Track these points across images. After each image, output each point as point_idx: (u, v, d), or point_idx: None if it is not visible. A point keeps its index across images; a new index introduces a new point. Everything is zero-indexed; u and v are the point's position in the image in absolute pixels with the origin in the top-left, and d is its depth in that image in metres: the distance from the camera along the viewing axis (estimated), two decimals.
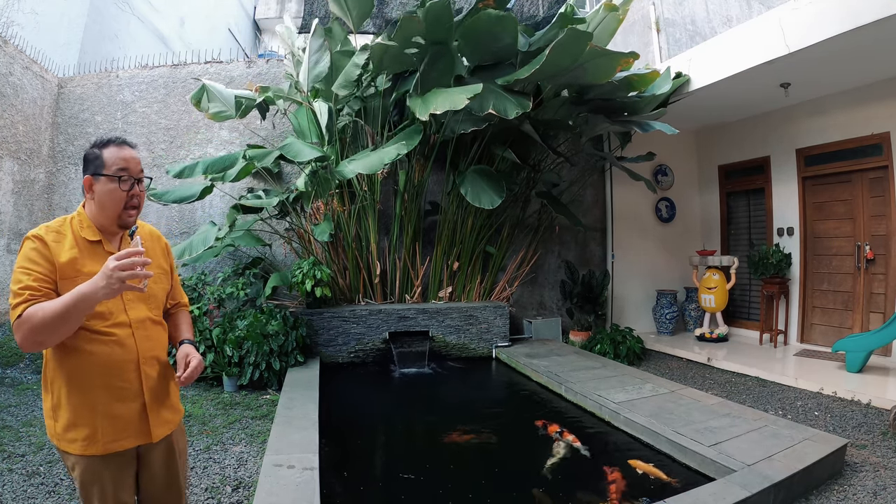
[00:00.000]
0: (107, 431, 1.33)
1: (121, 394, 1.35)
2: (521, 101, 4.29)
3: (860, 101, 5.26)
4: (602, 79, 4.50)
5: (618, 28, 4.67)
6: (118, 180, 1.36)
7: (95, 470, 1.34)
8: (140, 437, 1.40)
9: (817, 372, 4.67)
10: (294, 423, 3.10)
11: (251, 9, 13.68)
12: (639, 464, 2.79)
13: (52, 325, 1.17)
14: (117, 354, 1.34)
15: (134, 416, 1.38)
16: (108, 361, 1.33)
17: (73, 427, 1.32)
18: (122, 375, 1.35)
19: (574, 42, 3.99)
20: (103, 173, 1.36)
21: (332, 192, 5.25)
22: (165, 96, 6.03)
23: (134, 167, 1.39)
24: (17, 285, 1.23)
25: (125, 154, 1.39)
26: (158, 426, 1.44)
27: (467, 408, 4.05)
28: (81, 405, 1.32)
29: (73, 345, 1.30)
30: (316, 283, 4.72)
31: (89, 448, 1.32)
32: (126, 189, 1.38)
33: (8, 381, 4.35)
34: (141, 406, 1.39)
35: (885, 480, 2.66)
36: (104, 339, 1.33)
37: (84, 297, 1.17)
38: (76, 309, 1.18)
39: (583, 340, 5.90)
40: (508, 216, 6.01)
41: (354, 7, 4.73)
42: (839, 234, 5.62)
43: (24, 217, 5.46)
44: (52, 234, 1.33)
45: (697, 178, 7.50)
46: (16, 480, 2.63)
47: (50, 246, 1.30)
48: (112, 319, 1.35)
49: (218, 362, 4.27)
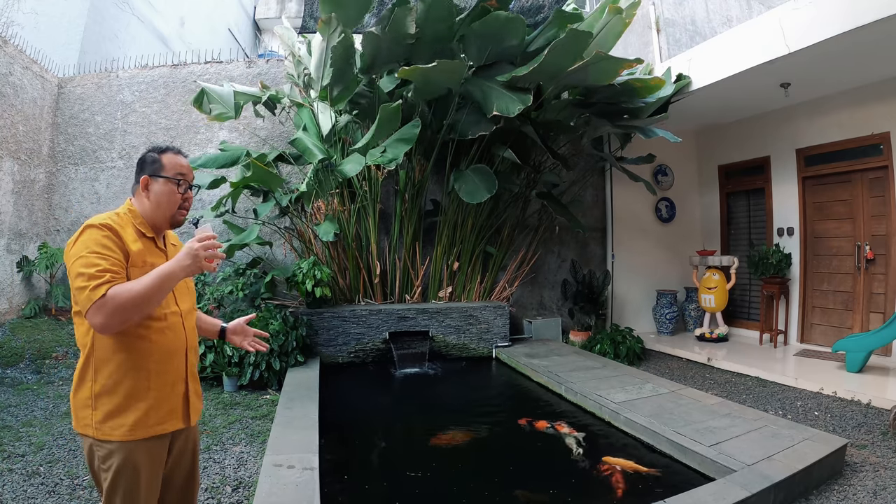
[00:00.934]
0: (156, 413, 1.40)
1: (171, 378, 1.45)
2: (521, 98, 4.29)
3: (860, 101, 5.26)
4: (605, 81, 4.50)
5: (623, 31, 4.67)
6: (177, 184, 1.50)
7: (135, 456, 1.37)
8: (181, 419, 1.48)
9: (817, 372, 4.67)
10: (294, 423, 3.10)
11: (251, 9, 13.68)
12: (611, 459, 2.81)
13: (141, 303, 1.26)
14: (171, 341, 1.45)
15: (179, 399, 1.47)
16: (164, 347, 1.43)
17: (120, 412, 1.35)
18: (173, 361, 1.45)
19: (574, 42, 3.99)
20: (162, 175, 1.48)
21: (333, 191, 5.25)
22: (165, 96, 6.03)
23: (189, 174, 1.55)
24: (93, 269, 1.26)
25: (183, 161, 1.54)
26: (195, 412, 1.54)
27: (467, 408, 4.04)
28: (135, 389, 1.37)
29: (133, 331, 1.37)
30: (316, 282, 4.72)
31: (136, 432, 1.36)
32: (182, 192, 1.52)
33: (8, 381, 4.35)
34: (185, 390, 1.49)
35: (885, 480, 2.66)
36: (160, 325, 1.42)
37: (170, 274, 1.29)
38: (161, 286, 1.28)
39: (583, 340, 5.90)
40: (508, 216, 6.01)
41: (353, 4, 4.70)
42: (839, 234, 5.62)
43: (24, 217, 5.46)
44: (117, 226, 1.40)
45: (697, 178, 7.50)
46: (16, 480, 2.63)
47: (122, 235, 1.38)
48: (167, 308, 1.45)
49: (218, 362, 4.27)
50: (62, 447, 3.05)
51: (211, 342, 4.37)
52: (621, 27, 4.60)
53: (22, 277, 5.37)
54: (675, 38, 7.03)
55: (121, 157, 5.91)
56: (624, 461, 2.80)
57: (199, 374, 1.69)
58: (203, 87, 4.96)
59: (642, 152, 6.19)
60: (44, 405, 3.83)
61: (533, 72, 4.25)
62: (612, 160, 6.28)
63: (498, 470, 2.85)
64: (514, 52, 4.59)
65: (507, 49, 4.55)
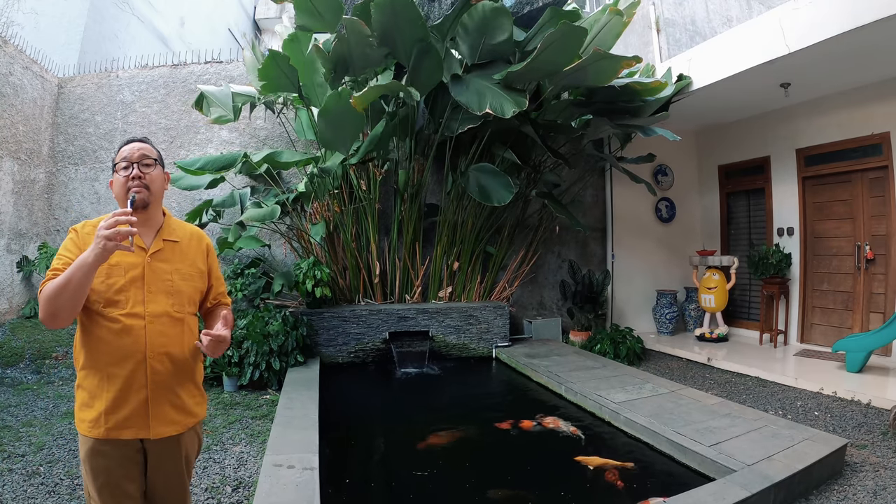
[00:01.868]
0: (109, 418, 1.37)
1: (125, 383, 1.37)
2: (517, 99, 4.23)
3: (860, 101, 5.26)
4: (604, 81, 4.49)
5: (623, 31, 4.67)
6: (118, 170, 1.48)
7: (97, 453, 1.38)
8: (140, 430, 1.40)
9: (817, 372, 4.67)
10: (294, 423, 3.10)
11: (251, 9, 13.69)
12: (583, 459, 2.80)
13: (57, 294, 1.25)
14: (123, 343, 1.37)
15: (136, 407, 1.38)
16: (116, 348, 1.37)
17: (85, 407, 1.39)
18: (126, 365, 1.37)
19: (569, 37, 3.95)
20: (113, 170, 1.49)
21: (331, 192, 5.25)
22: (165, 96, 6.03)
23: (132, 154, 1.47)
24: (50, 271, 1.34)
25: (129, 147, 1.49)
26: (161, 424, 1.41)
27: (467, 408, 4.05)
28: (92, 388, 1.38)
29: (91, 329, 1.38)
30: (316, 282, 4.72)
31: (93, 430, 1.37)
32: (126, 174, 1.45)
33: (8, 381, 4.35)
34: (144, 399, 1.39)
35: (885, 480, 2.66)
36: (114, 326, 1.37)
37: (80, 263, 1.25)
38: (73, 276, 1.25)
39: (583, 340, 5.90)
40: (509, 216, 6.01)
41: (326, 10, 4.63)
42: (839, 234, 5.62)
43: (24, 217, 5.46)
44: (89, 227, 1.44)
45: (697, 178, 7.50)
46: (16, 480, 2.63)
47: (81, 236, 1.41)
48: (127, 308, 1.39)
49: (218, 362, 4.27)
50: (62, 447, 3.05)
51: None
52: (620, 27, 4.60)
53: (22, 277, 5.37)
54: (675, 38, 7.03)
55: None
56: (596, 458, 2.80)
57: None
58: (202, 91, 4.97)
59: (642, 152, 6.19)
60: (44, 405, 3.83)
61: (528, 69, 4.20)
62: (612, 160, 6.28)
63: (497, 469, 2.85)
64: (507, 47, 4.54)
65: (499, 45, 4.49)
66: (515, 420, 3.46)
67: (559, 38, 3.94)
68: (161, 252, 1.49)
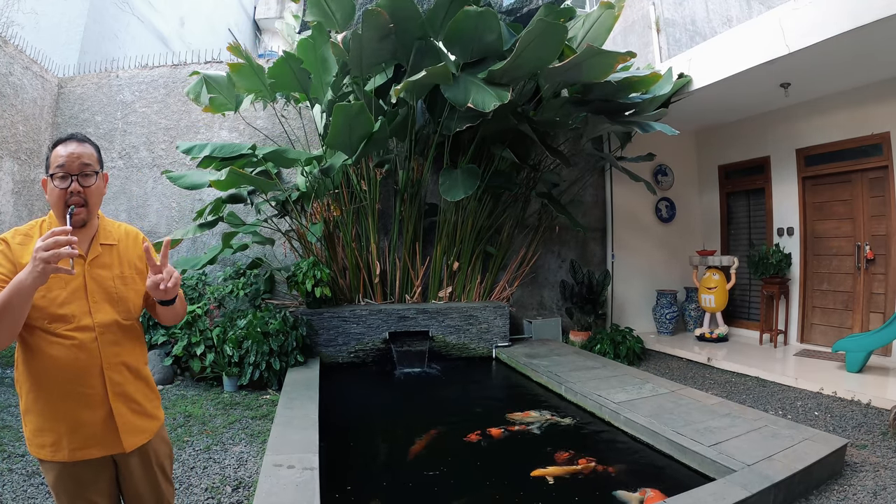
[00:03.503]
0: (72, 439, 1.29)
1: (85, 400, 1.30)
2: (499, 93, 4.23)
3: (860, 101, 5.26)
4: (599, 77, 4.49)
5: (613, 25, 4.66)
6: (59, 179, 1.32)
7: (64, 476, 1.31)
8: (109, 446, 1.34)
9: (817, 372, 4.67)
10: (294, 423, 3.10)
11: (251, 9, 13.70)
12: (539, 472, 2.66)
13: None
14: (79, 359, 1.29)
15: (99, 424, 1.32)
16: (70, 366, 1.28)
17: (39, 432, 1.30)
18: (85, 381, 1.30)
19: (548, 35, 3.96)
20: (48, 173, 1.33)
21: (332, 191, 5.25)
22: (165, 96, 6.03)
23: (70, 163, 1.31)
24: None
25: (66, 150, 1.32)
26: (130, 435, 1.37)
27: (467, 408, 4.05)
28: (46, 410, 1.29)
29: (37, 347, 1.27)
30: (316, 282, 4.72)
31: (56, 454, 1.29)
32: (63, 186, 1.31)
33: (8, 381, 4.35)
34: (107, 414, 1.33)
35: (885, 480, 2.66)
36: (65, 342, 1.28)
37: (17, 284, 1.13)
38: (10, 300, 1.12)
39: (583, 340, 5.90)
40: (509, 216, 6.01)
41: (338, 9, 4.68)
42: (839, 234, 5.62)
43: (24, 217, 5.46)
44: (19, 237, 1.31)
45: (697, 178, 7.50)
46: (16, 480, 2.63)
47: (13, 248, 1.28)
48: (75, 323, 1.30)
49: (218, 362, 4.27)
50: None
51: (211, 342, 4.37)
52: (611, 21, 4.60)
53: None
54: (675, 38, 7.03)
55: (121, 157, 5.92)
56: (554, 469, 2.71)
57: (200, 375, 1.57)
58: (203, 74, 4.91)
59: (642, 152, 6.19)
60: None
61: (511, 66, 4.20)
62: (611, 160, 6.29)
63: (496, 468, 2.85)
64: (496, 47, 4.55)
65: (488, 44, 4.51)
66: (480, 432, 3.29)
67: (538, 36, 3.95)
68: (100, 258, 1.39)
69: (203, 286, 5.01)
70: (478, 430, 3.26)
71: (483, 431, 3.13)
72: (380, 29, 4.19)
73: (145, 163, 5.90)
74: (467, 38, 4.44)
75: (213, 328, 4.46)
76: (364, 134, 4.38)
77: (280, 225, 5.65)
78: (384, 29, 4.20)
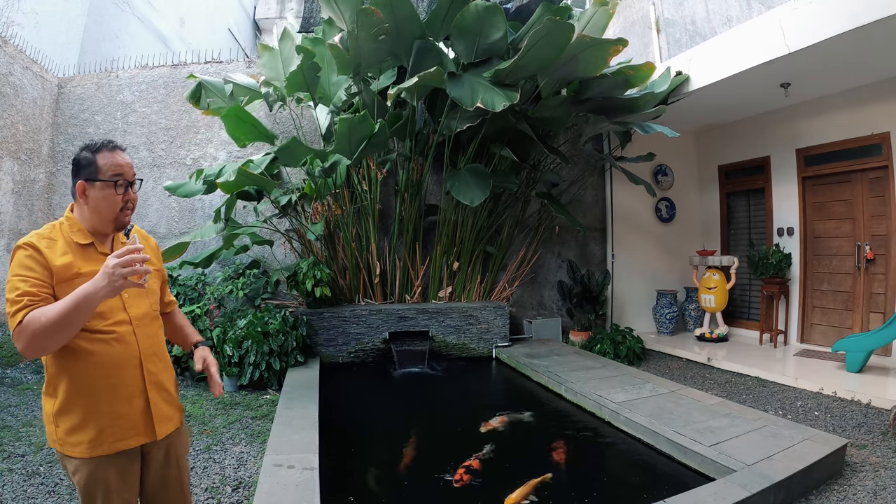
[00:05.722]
0: (113, 431, 1.34)
1: (125, 392, 1.36)
2: (508, 94, 4.23)
3: (860, 101, 5.26)
4: (595, 70, 4.47)
5: (608, 22, 4.66)
6: (114, 185, 1.37)
7: (100, 472, 1.33)
8: (145, 434, 1.40)
9: (817, 372, 4.67)
10: (294, 423, 3.10)
11: (251, 9, 13.69)
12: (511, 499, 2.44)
13: (55, 328, 1.16)
14: (119, 352, 1.35)
15: (138, 413, 1.39)
16: (111, 360, 1.33)
17: (78, 429, 1.32)
18: (125, 373, 1.36)
19: (556, 32, 3.95)
20: (98, 178, 1.36)
21: (333, 191, 5.24)
22: (165, 96, 6.03)
23: (128, 172, 1.40)
24: (14, 293, 1.22)
25: (119, 159, 1.39)
26: (162, 423, 1.44)
27: (467, 408, 4.04)
28: (87, 406, 1.32)
29: (75, 346, 1.28)
30: (316, 282, 4.73)
31: (95, 449, 1.32)
32: (122, 194, 1.39)
33: (8, 381, 4.35)
34: (144, 403, 1.40)
35: (885, 480, 2.66)
36: (105, 337, 1.33)
37: (86, 297, 1.16)
38: (78, 309, 1.16)
39: (583, 340, 5.90)
40: (508, 216, 6.00)
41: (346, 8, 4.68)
42: (839, 234, 5.62)
43: (24, 217, 5.46)
44: (45, 241, 1.33)
45: (697, 178, 7.50)
46: (16, 480, 2.63)
47: (44, 252, 1.30)
48: (112, 318, 1.35)
49: (218, 362, 4.27)
50: None
51: (211, 342, 4.37)
52: (606, 19, 4.60)
53: None
54: (675, 38, 7.03)
55: None
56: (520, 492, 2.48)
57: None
58: (201, 80, 4.94)
59: (642, 152, 6.19)
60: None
61: (517, 66, 4.20)
62: (611, 160, 6.29)
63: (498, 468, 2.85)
64: (501, 46, 4.54)
65: (493, 44, 4.49)
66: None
67: (546, 35, 3.95)
68: None
69: (203, 286, 5.01)
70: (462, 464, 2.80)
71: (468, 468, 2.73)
72: (374, 28, 4.16)
73: (145, 163, 5.90)
74: (472, 36, 4.42)
75: (212, 328, 4.47)
76: (363, 137, 4.38)
77: (280, 225, 5.66)
78: (379, 28, 4.18)
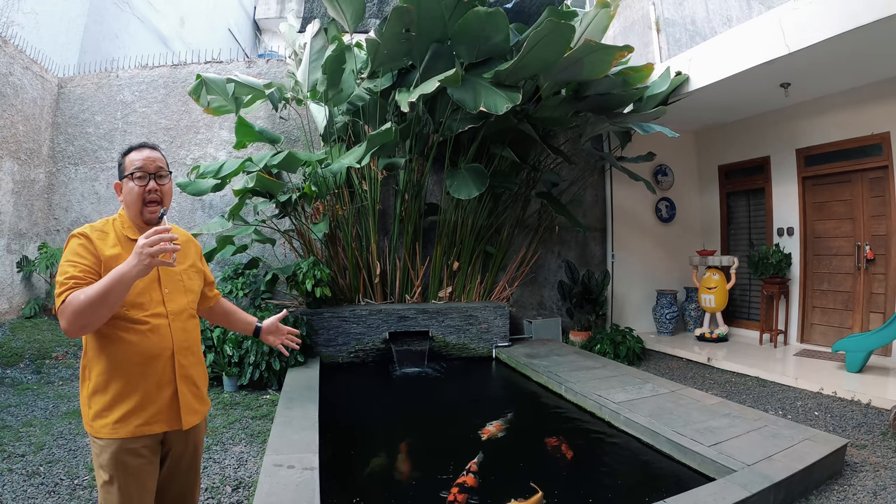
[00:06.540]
0: (140, 414, 1.40)
1: (155, 380, 1.43)
2: (510, 95, 4.24)
3: (860, 101, 5.26)
4: (599, 74, 4.49)
5: (609, 24, 4.67)
6: (132, 177, 1.48)
7: (121, 453, 1.39)
8: (170, 423, 1.46)
9: (817, 372, 4.66)
10: (294, 423, 3.10)
11: (251, 9, 13.69)
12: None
13: (93, 307, 1.24)
14: (154, 343, 1.43)
15: (165, 402, 1.45)
16: (145, 349, 1.41)
17: (108, 410, 1.39)
18: (157, 363, 1.43)
19: (556, 35, 3.96)
20: (123, 175, 1.50)
21: (333, 191, 5.24)
22: (165, 96, 6.03)
23: (148, 165, 1.49)
24: (63, 276, 1.32)
25: (141, 154, 1.50)
26: (188, 414, 1.50)
27: (467, 408, 4.05)
28: (119, 388, 1.39)
29: (112, 333, 1.38)
30: (316, 282, 4.72)
31: (119, 430, 1.38)
32: (141, 185, 1.48)
33: (8, 381, 4.35)
34: (173, 393, 1.46)
35: (885, 480, 2.66)
36: (141, 328, 1.41)
37: (119, 276, 1.24)
38: (113, 289, 1.24)
39: (583, 340, 5.90)
40: (508, 216, 6.01)
41: (348, 8, 4.71)
42: (839, 234, 5.62)
43: (24, 217, 5.46)
44: (97, 233, 1.44)
45: (697, 178, 7.50)
46: (16, 480, 2.63)
47: (95, 242, 1.41)
48: (150, 310, 1.44)
49: (218, 362, 4.27)
50: (62, 447, 3.05)
51: (210, 342, 4.37)
52: (607, 20, 4.62)
53: (22, 277, 5.37)
54: (675, 38, 7.03)
55: None
56: None
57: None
58: (203, 77, 4.93)
59: (642, 151, 6.19)
60: (44, 405, 3.83)
61: (517, 67, 4.20)
62: (611, 160, 6.29)
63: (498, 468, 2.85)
64: (502, 48, 4.56)
65: (497, 45, 4.51)
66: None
67: (546, 35, 3.96)
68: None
69: None
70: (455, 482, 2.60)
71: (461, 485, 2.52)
72: (405, 26, 4.22)
73: None
74: (474, 39, 4.44)
75: (212, 328, 4.47)
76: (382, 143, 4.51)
77: (280, 225, 5.65)
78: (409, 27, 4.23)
